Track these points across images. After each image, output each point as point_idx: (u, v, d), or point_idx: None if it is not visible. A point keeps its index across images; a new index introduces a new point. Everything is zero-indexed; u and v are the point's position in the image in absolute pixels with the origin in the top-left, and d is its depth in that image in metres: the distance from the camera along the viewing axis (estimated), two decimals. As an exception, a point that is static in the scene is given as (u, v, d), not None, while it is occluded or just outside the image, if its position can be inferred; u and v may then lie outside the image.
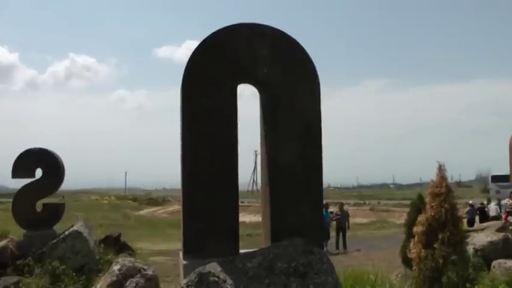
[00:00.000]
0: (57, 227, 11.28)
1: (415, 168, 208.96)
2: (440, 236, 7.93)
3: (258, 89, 6.54)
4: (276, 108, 6.36)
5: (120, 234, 12.84)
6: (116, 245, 12.03)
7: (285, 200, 6.28)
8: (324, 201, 24.91)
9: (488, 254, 13.49)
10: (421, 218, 8.36)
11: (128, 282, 7.38)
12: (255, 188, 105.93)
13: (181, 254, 6.30)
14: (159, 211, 63.01)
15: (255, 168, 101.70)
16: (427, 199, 8.48)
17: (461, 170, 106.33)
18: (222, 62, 6.21)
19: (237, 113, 6.24)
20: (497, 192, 54.04)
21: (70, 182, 12.63)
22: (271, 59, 6.32)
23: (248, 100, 6.22)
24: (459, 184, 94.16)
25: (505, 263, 12.82)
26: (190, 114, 6.10)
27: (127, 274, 7.49)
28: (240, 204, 6.58)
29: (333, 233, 23.49)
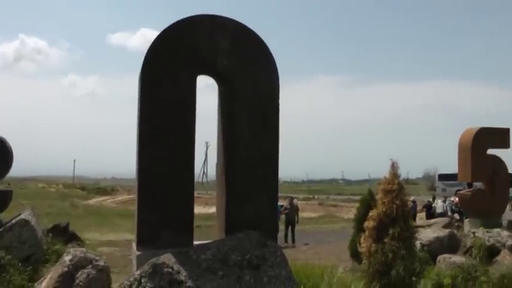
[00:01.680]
0: (3, 215, 10.99)
1: (364, 165, 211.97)
2: (390, 231, 8.08)
3: (217, 80, 6.52)
4: (235, 101, 6.36)
5: (68, 224, 12.62)
6: (64, 234, 11.82)
7: (241, 192, 6.29)
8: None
9: (435, 249, 13.85)
10: (372, 213, 8.50)
11: (79, 273, 7.26)
12: (205, 179, 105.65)
13: (134, 244, 6.24)
14: (107, 201, 62.21)
15: (206, 159, 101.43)
16: (379, 195, 8.62)
17: (409, 168, 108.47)
18: (182, 53, 6.16)
19: (195, 105, 6.21)
20: (444, 190, 55.40)
21: (16, 168, 12.30)
22: (231, 51, 6.31)
23: (200, 91, 6.19)
24: (407, 181, 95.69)
25: (450, 258, 13.18)
26: (149, 104, 6.04)
27: (78, 265, 7.36)
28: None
29: (281, 227, 23.62)
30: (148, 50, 6.11)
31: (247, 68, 6.38)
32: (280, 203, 24.49)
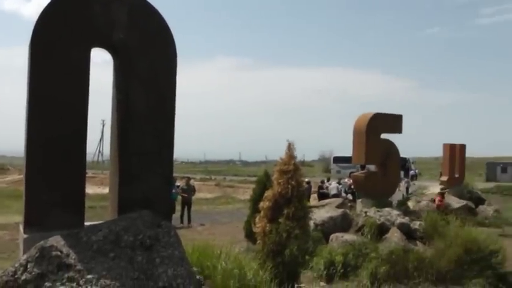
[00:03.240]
0: None
1: (262, 147, 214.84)
2: (285, 211, 8.17)
3: (112, 54, 6.26)
4: (130, 76, 6.14)
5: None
6: None
7: (135, 171, 6.11)
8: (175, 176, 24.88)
9: (328, 228, 14.30)
10: (268, 193, 8.57)
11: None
12: (100, 158, 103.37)
13: (21, 227, 5.91)
14: (-4, 180, 59.52)
15: (102, 138, 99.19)
16: (275, 176, 8.71)
17: (305, 150, 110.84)
18: (75, 23, 5.83)
19: (88, 79, 5.92)
20: (338, 172, 57.25)
21: None
22: (128, 25, 6.06)
23: (98, 67, 5.94)
24: (303, 163, 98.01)
25: (342, 236, 13.65)
26: (38, 76, 5.69)
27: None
28: (85, 175, 6.30)
29: (178, 207, 23.52)
30: (38, 19, 5.73)
31: (144, 43, 6.18)
32: (177, 183, 24.37)
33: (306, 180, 32.14)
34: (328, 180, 32.92)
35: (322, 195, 29.16)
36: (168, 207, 6.66)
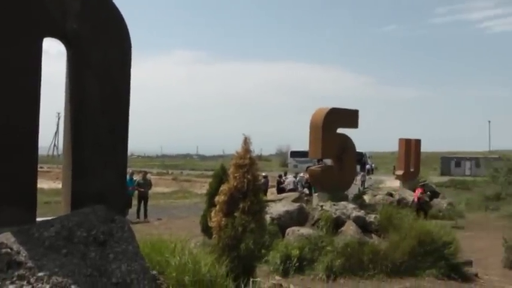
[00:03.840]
0: None
1: (219, 141, 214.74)
2: (241, 206, 8.15)
3: (65, 44, 6.10)
4: (84, 68, 6.01)
5: None
6: None
7: (88, 165, 6.00)
8: (130, 170, 24.60)
9: (284, 222, 14.36)
10: (223, 187, 8.53)
11: None
12: (56, 152, 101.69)
13: (-30, 224, 5.74)
14: None
15: (57, 131, 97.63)
16: (231, 169, 8.67)
17: (263, 145, 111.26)
18: (27, 11, 5.68)
19: (40, 70, 5.77)
20: (295, 166, 57.71)
21: None
22: (81, 15, 5.91)
23: (53, 58, 5.78)
24: (260, 157, 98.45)
25: (298, 230, 13.73)
26: (-14, 67, 5.53)
27: None
28: (39, 169, 6.15)
29: (134, 202, 23.34)
30: (-14, 8, 5.56)
31: (98, 33, 6.05)
32: (134, 177, 24.16)
33: (263, 174, 32.29)
34: (285, 174, 33.07)
35: (281, 190, 29.32)
36: (123, 201, 6.58)
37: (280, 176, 32.20)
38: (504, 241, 15.92)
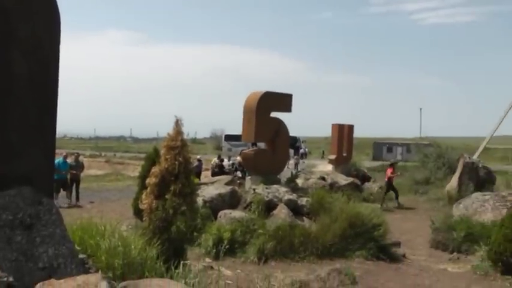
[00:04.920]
0: None
1: (153, 123, 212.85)
2: (172, 188, 8.11)
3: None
4: (11, 44, 5.82)
5: None
6: None
7: (15, 146, 5.83)
8: (64, 152, 24.05)
9: (216, 205, 14.40)
10: (154, 169, 8.46)
11: None
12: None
13: None
14: None
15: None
16: (162, 151, 8.60)
17: (197, 128, 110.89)
18: None
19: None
20: (229, 150, 57.75)
21: None
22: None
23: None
24: (194, 141, 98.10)
25: (230, 213, 13.79)
26: None
27: None
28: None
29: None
30: None
31: (25, 8, 5.86)
32: (68, 160, 23.63)
33: (198, 157, 32.23)
34: (219, 158, 33.05)
35: (216, 173, 29.28)
36: (51, 183, 6.43)
37: (222, 160, 31.90)
38: (431, 223, 16.48)
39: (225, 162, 30.82)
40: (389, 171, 25.63)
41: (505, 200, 16.98)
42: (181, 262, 6.74)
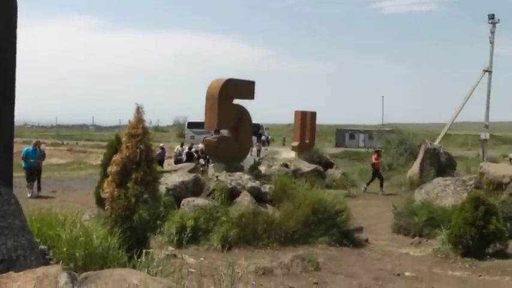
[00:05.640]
0: None
1: (116, 111, 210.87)
2: (134, 176, 8.04)
3: None
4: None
5: None
6: None
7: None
8: (34, 140, 23.63)
9: (179, 193, 14.34)
10: (116, 157, 8.36)
11: None
12: None
13: None
14: None
15: None
16: (124, 139, 8.50)
17: (160, 115, 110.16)
18: None
19: None
20: (192, 137, 57.58)
21: None
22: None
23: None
24: (157, 128, 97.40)
25: (194, 201, 13.76)
26: None
27: None
28: None
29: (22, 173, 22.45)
30: None
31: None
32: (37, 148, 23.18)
33: (161, 145, 32.04)
34: (182, 145, 32.89)
35: (179, 161, 29.10)
36: (9, 172, 6.30)
37: (190, 148, 31.53)
38: (393, 208, 16.71)
39: (186, 151, 30.56)
40: (373, 157, 25.86)
41: (466, 184, 17.31)
42: (144, 251, 6.69)
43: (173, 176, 15.28)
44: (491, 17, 45.31)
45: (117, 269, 5.47)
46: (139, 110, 8.44)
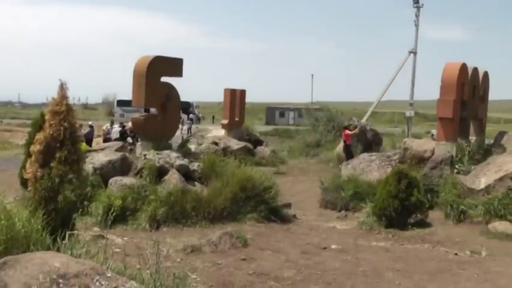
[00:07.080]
0: None
1: (43, 88, 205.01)
2: (57, 155, 7.84)
3: None
4: None
5: None
6: None
7: None
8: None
9: (107, 172, 14.15)
10: (39, 136, 8.12)
11: None
12: None
13: None
14: None
15: None
16: (47, 117, 8.26)
17: (89, 93, 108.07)
18: None
19: None
20: (122, 115, 56.78)
21: None
22: None
23: None
24: (86, 106, 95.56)
25: (121, 180, 13.62)
26: None
27: None
28: None
29: None
30: None
31: None
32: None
33: (89, 123, 31.41)
34: (112, 124, 32.32)
35: (108, 140, 28.55)
36: None
37: (123, 126, 30.66)
38: (321, 183, 17.07)
39: (115, 129, 29.95)
40: (346, 132, 24.56)
41: (390, 159, 17.88)
42: (67, 233, 6.57)
43: (100, 155, 15.02)
44: (416, 1, 47.05)
45: (38, 253, 5.38)
46: (62, 87, 8.19)
